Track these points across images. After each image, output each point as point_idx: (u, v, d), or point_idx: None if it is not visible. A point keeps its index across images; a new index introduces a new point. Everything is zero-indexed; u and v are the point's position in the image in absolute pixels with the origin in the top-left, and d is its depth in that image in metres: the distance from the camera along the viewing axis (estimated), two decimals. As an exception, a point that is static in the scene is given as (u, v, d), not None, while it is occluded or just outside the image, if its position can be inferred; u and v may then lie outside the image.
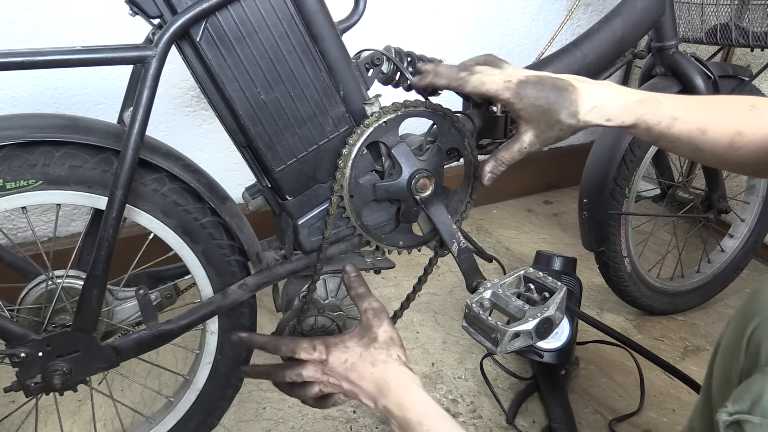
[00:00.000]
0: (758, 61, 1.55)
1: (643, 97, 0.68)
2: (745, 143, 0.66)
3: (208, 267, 0.81)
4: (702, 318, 1.46)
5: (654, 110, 0.67)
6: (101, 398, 1.07)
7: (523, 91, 0.68)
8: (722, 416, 0.51)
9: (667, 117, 0.67)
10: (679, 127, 0.67)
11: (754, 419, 0.49)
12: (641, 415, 1.14)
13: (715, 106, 0.69)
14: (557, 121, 0.68)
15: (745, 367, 0.57)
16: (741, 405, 0.51)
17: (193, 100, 1.38)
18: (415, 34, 1.63)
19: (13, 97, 1.19)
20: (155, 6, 0.67)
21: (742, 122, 0.66)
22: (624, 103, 0.68)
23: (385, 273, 1.55)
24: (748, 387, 0.52)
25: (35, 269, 0.79)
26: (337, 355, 0.74)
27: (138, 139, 0.66)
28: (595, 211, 1.24)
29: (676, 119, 0.67)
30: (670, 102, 0.68)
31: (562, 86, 0.68)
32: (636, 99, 0.68)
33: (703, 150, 0.68)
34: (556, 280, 0.76)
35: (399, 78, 0.83)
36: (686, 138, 0.68)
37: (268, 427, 1.07)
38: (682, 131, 0.67)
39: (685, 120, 0.67)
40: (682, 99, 0.69)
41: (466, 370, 1.24)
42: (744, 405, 0.50)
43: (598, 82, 0.70)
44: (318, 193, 0.80)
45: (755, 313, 0.56)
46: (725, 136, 0.66)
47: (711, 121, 0.67)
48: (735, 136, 0.66)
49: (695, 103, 0.69)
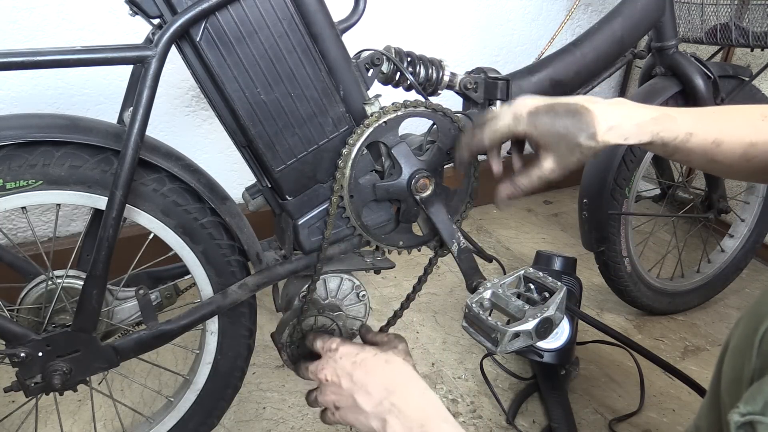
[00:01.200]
0: (758, 61, 1.55)
1: (658, 114, 0.68)
2: (759, 153, 0.66)
3: (208, 267, 0.81)
4: (702, 318, 1.46)
5: (669, 127, 0.67)
6: (101, 398, 1.07)
7: (537, 120, 0.69)
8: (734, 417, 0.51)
9: (682, 132, 0.67)
10: (694, 141, 0.67)
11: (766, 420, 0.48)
12: (641, 415, 1.14)
13: (728, 118, 0.69)
14: (577, 145, 0.68)
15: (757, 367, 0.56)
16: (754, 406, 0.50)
17: (193, 100, 1.38)
18: (415, 34, 1.63)
19: (13, 97, 1.19)
20: (155, 6, 0.67)
21: (755, 133, 0.66)
22: (639, 122, 0.68)
23: (385, 273, 1.55)
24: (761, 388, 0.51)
25: (35, 269, 0.79)
26: (350, 349, 0.74)
27: (138, 139, 0.66)
28: (595, 211, 1.24)
29: (691, 134, 0.67)
30: (685, 117, 0.68)
31: (575, 110, 0.68)
32: (651, 117, 0.68)
33: (717, 162, 0.68)
34: (556, 280, 0.76)
35: (399, 78, 0.83)
36: (701, 151, 0.68)
37: (268, 427, 1.07)
38: (697, 145, 0.67)
39: (700, 134, 0.67)
40: (696, 112, 0.69)
41: (466, 370, 1.23)
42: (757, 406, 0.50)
43: (611, 101, 0.70)
44: (318, 193, 0.80)
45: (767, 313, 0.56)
46: (739, 147, 0.67)
47: (725, 133, 0.67)
48: (748, 147, 0.66)
49: (708, 116, 0.69)
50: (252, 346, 0.91)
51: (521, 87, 0.91)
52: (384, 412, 0.67)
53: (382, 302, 1.44)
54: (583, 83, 1.00)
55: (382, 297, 1.47)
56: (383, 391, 0.68)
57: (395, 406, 0.66)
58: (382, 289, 1.50)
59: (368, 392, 0.69)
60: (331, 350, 0.75)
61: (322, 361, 0.76)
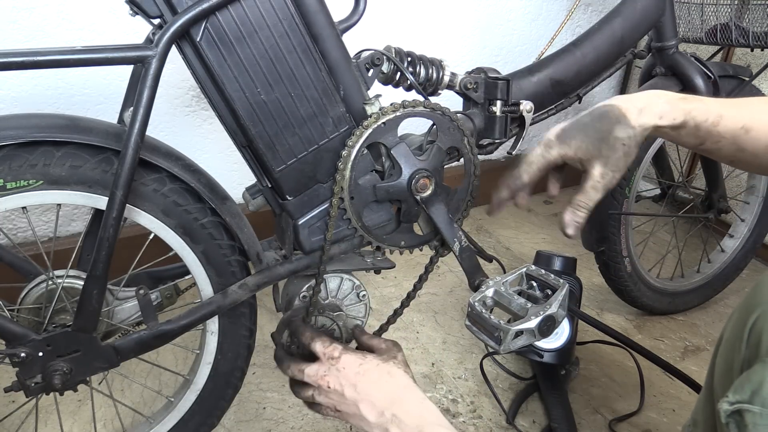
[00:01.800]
0: (758, 61, 1.55)
1: (685, 95, 0.68)
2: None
3: (208, 267, 0.81)
4: (702, 318, 1.46)
5: (699, 107, 0.66)
6: (101, 398, 1.07)
7: (567, 138, 0.69)
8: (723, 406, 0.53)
9: (713, 113, 0.66)
10: (725, 124, 0.66)
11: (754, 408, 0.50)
12: (641, 415, 1.14)
13: (753, 107, 0.68)
14: (616, 139, 0.67)
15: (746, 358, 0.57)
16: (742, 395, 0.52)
17: (193, 100, 1.38)
18: (415, 34, 1.63)
19: (13, 97, 1.19)
20: (155, 6, 0.67)
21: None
22: (669, 99, 0.67)
23: (385, 273, 1.55)
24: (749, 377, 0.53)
25: (35, 269, 0.79)
26: (353, 358, 0.73)
27: (138, 139, 0.66)
28: (595, 211, 1.23)
29: (722, 116, 0.66)
30: (712, 101, 0.67)
31: (600, 112, 0.68)
32: (679, 96, 0.67)
33: (745, 150, 0.67)
34: (557, 277, 0.76)
35: (399, 78, 0.83)
36: (731, 137, 0.67)
37: (268, 427, 1.07)
38: (727, 129, 0.66)
39: (730, 117, 0.66)
40: (722, 100, 0.68)
41: (466, 370, 1.23)
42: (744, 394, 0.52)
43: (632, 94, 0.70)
44: (318, 193, 0.80)
45: (757, 304, 0.58)
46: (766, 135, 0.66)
47: (754, 120, 0.66)
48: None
49: (734, 103, 0.68)
50: (252, 346, 0.91)
51: (521, 87, 0.91)
52: (386, 422, 0.68)
53: (382, 302, 1.44)
54: (583, 83, 1.00)
55: (382, 297, 1.47)
56: (385, 403, 0.69)
57: (396, 417, 0.67)
58: (382, 289, 1.50)
59: (372, 403, 0.69)
60: (333, 358, 0.73)
61: (323, 368, 0.74)
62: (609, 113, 0.67)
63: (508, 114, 0.89)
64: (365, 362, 0.73)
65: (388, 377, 0.71)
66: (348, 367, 0.72)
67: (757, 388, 0.51)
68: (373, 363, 0.73)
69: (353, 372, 0.72)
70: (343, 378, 0.72)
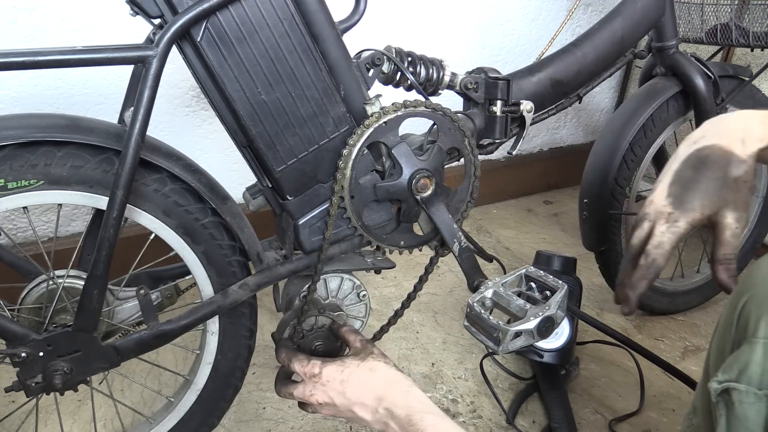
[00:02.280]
0: (758, 61, 1.55)
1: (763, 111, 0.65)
2: None
3: (208, 267, 0.81)
4: (702, 318, 1.46)
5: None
6: (101, 398, 1.07)
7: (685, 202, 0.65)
8: (713, 385, 0.56)
9: None
10: None
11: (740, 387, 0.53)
12: (641, 415, 1.14)
13: None
14: (734, 180, 0.63)
15: (735, 340, 0.60)
16: (729, 374, 0.55)
17: (193, 100, 1.38)
18: (415, 34, 1.63)
19: (13, 97, 1.19)
20: (156, 6, 0.67)
21: None
22: (762, 120, 0.64)
23: (385, 273, 1.55)
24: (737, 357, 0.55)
25: (36, 269, 0.79)
26: (333, 368, 0.74)
27: (139, 139, 0.66)
28: (595, 211, 1.24)
29: None
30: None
31: (699, 158, 0.65)
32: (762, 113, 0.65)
33: None
34: (556, 278, 0.76)
35: (400, 78, 0.83)
36: None
37: (268, 427, 1.07)
38: None
39: None
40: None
41: (466, 370, 1.24)
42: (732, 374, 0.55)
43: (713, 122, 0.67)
44: (319, 193, 0.80)
45: (747, 289, 0.60)
46: None
47: None
48: None
49: None
50: (252, 347, 0.91)
51: (521, 87, 0.91)
52: (383, 417, 0.69)
53: (382, 302, 1.44)
54: (583, 83, 1.01)
55: (382, 297, 1.47)
56: (375, 400, 0.70)
57: (388, 410, 0.69)
58: (382, 289, 1.50)
59: (364, 404, 0.71)
60: (315, 375, 0.75)
61: (308, 387, 0.76)
62: (711, 157, 0.64)
63: (508, 114, 0.89)
64: (345, 367, 0.74)
65: (371, 374, 0.73)
66: (331, 379, 0.74)
67: (743, 367, 0.54)
68: (353, 365, 0.74)
69: (338, 381, 0.73)
70: (330, 390, 0.74)
